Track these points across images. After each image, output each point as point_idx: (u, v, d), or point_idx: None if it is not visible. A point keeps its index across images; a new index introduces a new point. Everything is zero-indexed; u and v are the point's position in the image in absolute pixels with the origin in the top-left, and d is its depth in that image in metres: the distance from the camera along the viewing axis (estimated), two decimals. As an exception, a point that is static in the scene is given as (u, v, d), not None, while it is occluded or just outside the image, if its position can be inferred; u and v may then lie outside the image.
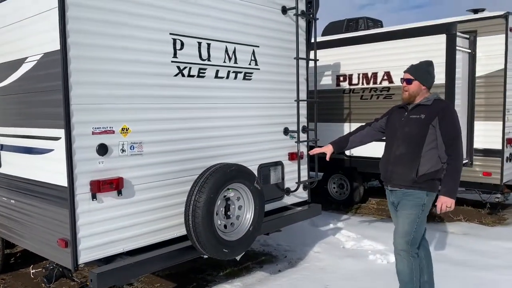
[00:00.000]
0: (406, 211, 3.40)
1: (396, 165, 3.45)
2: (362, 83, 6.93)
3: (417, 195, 3.37)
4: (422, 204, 3.37)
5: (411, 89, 3.46)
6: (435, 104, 3.41)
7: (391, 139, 3.57)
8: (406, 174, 3.37)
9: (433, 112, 3.35)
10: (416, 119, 3.40)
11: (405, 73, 3.52)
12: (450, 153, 3.30)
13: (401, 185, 3.42)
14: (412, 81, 3.45)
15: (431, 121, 3.33)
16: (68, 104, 2.95)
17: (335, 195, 7.92)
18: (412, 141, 3.38)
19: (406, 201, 3.41)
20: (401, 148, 3.43)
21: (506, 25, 6.06)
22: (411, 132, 3.40)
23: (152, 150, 3.46)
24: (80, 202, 3.04)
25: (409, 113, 3.48)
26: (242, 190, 3.81)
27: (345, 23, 8.07)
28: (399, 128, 3.50)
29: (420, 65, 3.52)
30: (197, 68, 3.78)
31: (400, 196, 3.47)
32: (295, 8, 4.65)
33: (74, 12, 2.95)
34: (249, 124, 4.29)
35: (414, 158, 3.35)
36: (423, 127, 3.35)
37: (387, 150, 3.59)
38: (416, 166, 3.34)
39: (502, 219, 6.76)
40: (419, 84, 3.44)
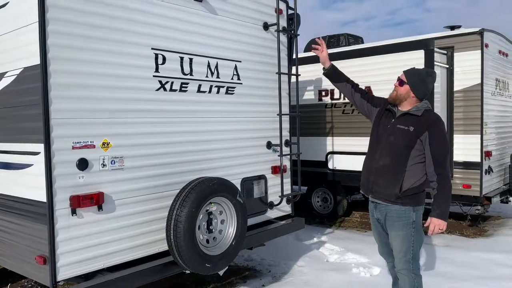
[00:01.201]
0: (398, 233, 3.22)
1: (378, 177, 3.24)
2: (344, 98, 7.02)
3: (403, 213, 3.18)
4: (412, 222, 3.19)
5: (400, 91, 3.24)
6: (425, 116, 3.17)
7: (374, 145, 3.34)
8: (388, 188, 3.18)
9: (422, 125, 3.13)
10: (403, 131, 3.17)
11: (403, 72, 3.29)
12: (441, 172, 3.08)
13: (384, 199, 3.23)
14: (404, 83, 3.22)
15: (420, 135, 3.11)
16: (48, 119, 2.93)
17: (319, 209, 7.95)
18: (397, 153, 3.17)
19: (394, 221, 3.22)
20: (384, 158, 3.21)
21: (481, 41, 6.25)
22: (397, 143, 3.17)
23: (133, 165, 3.44)
24: (60, 217, 2.99)
25: (397, 121, 3.24)
26: (225, 204, 3.80)
27: (327, 39, 8.21)
28: (383, 134, 3.27)
29: (419, 71, 3.27)
30: (179, 83, 3.80)
31: (384, 212, 3.27)
32: (276, 25, 4.72)
33: (55, 27, 2.95)
34: (231, 138, 4.30)
35: (398, 172, 3.15)
36: (410, 140, 3.13)
37: (370, 156, 3.36)
38: (400, 181, 3.13)
39: (483, 231, 6.86)
40: (409, 90, 3.20)
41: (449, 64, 6.51)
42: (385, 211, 3.26)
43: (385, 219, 3.28)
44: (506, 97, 7.52)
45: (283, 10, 4.93)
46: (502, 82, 7.27)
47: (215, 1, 4.11)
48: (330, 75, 3.76)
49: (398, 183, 3.14)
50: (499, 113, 7.13)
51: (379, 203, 3.31)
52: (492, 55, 6.72)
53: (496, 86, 6.99)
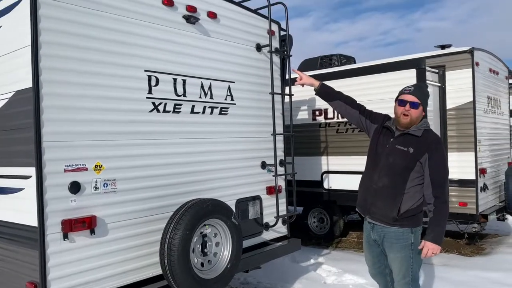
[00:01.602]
0: (396, 255, 3.15)
1: (377, 198, 3.17)
2: (337, 117, 7.05)
3: (402, 235, 3.11)
4: (410, 243, 3.11)
5: (415, 114, 3.05)
6: (425, 136, 3.08)
7: (373, 165, 3.24)
8: (386, 210, 3.11)
9: (422, 147, 3.03)
10: (403, 152, 3.07)
11: (407, 95, 3.08)
12: (439, 195, 2.99)
13: (382, 220, 3.16)
14: (418, 105, 3.04)
15: (420, 157, 3.03)
16: (39, 142, 2.90)
17: (316, 229, 7.87)
18: (396, 175, 3.08)
19: (392, 243, 3.14)
20: (383, 180, 3.13)
21: (472, 59, 6.32)
22: (396, 165, 3.09)
23: (126, 187, 3.40)
24: (51, 242, 2.94)
25: (396, 141, 3.14)
26: (219, 226, 3.75)
27: (319, 60, 8.29)
28: (382, 154, 3.18)
29: (424, 88, 3.15)
30: (173, 104, 3.80)
31: (381, 233, 3.19)
32: (269, 46, 4.76)
33: (48, 50, 2.95)
34: (226, 158, 4.28)
35: (397, 195, 3.06)
36: (410, 162, 3.05)
37: (368, 176, 3.26)
38: (398, 204, 3.06)
39: (481, 249, 6.81)
40: (422, 110, 3.07)
41: (441, 82, 6.57)
42: (383, 233, 3.19)
43: (383, 240, 3.21)
44: (498, 115, 7.58)
45: (276, 31, 4.99)
46: (493, 100, 7.34)
47: (208, 23, 4.15)
48: (321, 94, 3.71)
49: (397, 206, 3.07)
50: (492, 130, 7.17)
51: (376, 224, 3.23)
52: (483, 73, 6.80)
53: (488, 104, 7.05)
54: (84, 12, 3.17)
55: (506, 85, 8.11)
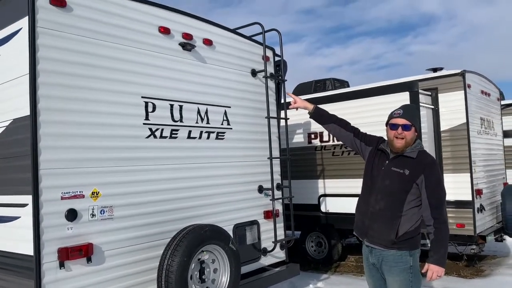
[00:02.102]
0: (395, 278, 3.08)
1: (374, 221, 3.13)
2: (333, 140, 7.08)
3: (400, 258, 3.06)
4: (409, 266, 3.06)
5: (409, 136, 3.04)
6: (420, 158, 3.06)
7: (369, 188, 3.21)
8: (384, 233, 3.06)
9: (418, 168, 3.01)
10: (399, 174, 3.05)
11: (397, 118, 3.08)
12: (437, 216, 2.96)
13: (380, 243, 3.11)
14: (410, 127, 3.04)
15: (416, 179, 3.00)
16: (36, 169, 2.90)
17: (314, 254, 7.80)
18: (392, 197, 3.06)
19: (391, 266, 3.08)
20: (380, 203, 3.10)
21: (463, 82, 6.42)
22: (392, 188, 3.06)
23: (123, 214, 3.38)
24: (47, 271, 2.90)
25: (391, 163, 3.12)
26: (217, 252, 3.72)
27: (313, 84, 8.38)
28: (378, 177, 3.15)
29: (413, 109, 3.15)
30: (170, 129, 3.82)
31: (379, 257, 3.14)
32: (264, 71, 4.83)
33: (45, 78, 2.98)
34: (223, 183, 4.28)
35: (394, 218, 3.03)
36: (406, 184, 3.02)
37: (364, 199, 3.23)
38: (396, 226, 3.01)
39: (480, 271, 6.75)
40: (415, 130, 3.07)
41: (434, 104, 6.65)
42: (381, 257, 3.15)
43: (381, 264, 3.16)
44: (492, 136, 7.65)
45: (270, 57, 5.07)
46: (486, 121, 7.42)
47: (204, 50, 4.22)
48: (315, 117, 3.71)
49: (394, 229, 3.03)
50: (486, 151, 7.22)
51: (374, 247, 3.19)
52: (475, 95, 6.90)
53: (481, 125, 7.12)
54: (81, 41, 3.22)
55: (498, 106, 8.22)
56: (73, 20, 3.18)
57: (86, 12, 3.27)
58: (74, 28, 3.18)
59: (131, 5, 3.60)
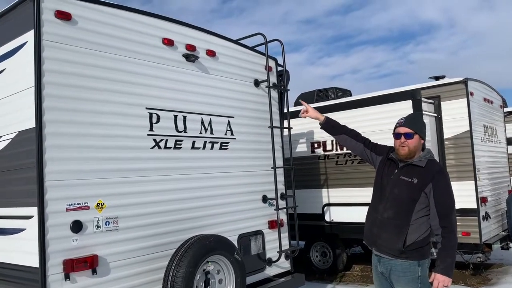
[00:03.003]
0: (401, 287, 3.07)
1: (382, 230, 3.13)
2: (336, 149, 7.09)
3: (409, 268, 3.03)
4: (418, 276, 3.03)
5: (412, 144, 3.07)
6: (429, 167, 3.07)
7: (379, 196, 3.22)
8: (392, 242, 3.05)
9: (426, 177, 3.01)
10: (407, 183, 3.05)
11: (400, 127, 3.13)
12: (446, 225, 2.95)
13: (388, 253, 3.10)
14: (412, 135, 3.06)
15: (424, 188, 3.00)
16: (42, 181, 2.91)
17: (319, 263, 7.75)
18: (401, 206, 3.06)
19: (399, 276, 3.06)
20: (388, 211, 3.10)
21: (466, 89, 6.43)
22: (401, 196, 3.06)
23: (128, 225, 3.38)
24: (52, 283, 2.90)
25: (400, 172, 3.13)
26: (222, 263, 3.71)
27: (316, 93, 8.41)
28: (387, 185, 3.17)
29: (416, 117, 3.15)
30: (174, 140, 3.83)
31: (388, 266, 3.12)
32: (266, 81, 4.85)
33: (51, 90, 3.01)
34: (227, 193, 4.28)
35: (403, 226, 3.02)
36: (414, 193, 3.02)
37: (374, 208, 3.24)
38: (404, 235, 3.00)
39: (487, 279, 6.70)
40: (419, 138, 3.09)
41: (437, 112, 6.66)
42: (390, 266, 3.13)
43: (390, 273, 3.14)
44: (495, 143, 7.64)
45: (273, 67, 5.10)
46: (490, 129, 7.41)
47: (207, 61, 4.25)
48: (326, 128, 3.71)
49: (402, 238, 3.01)
50: (490, 158, 7.20)
51: (383, 256, 3.18)
52: (477, 103, 6.90)
53: (484, 133, 7.11)
54: (86, 53, 3.25)
55: (501, 113, 8.21)
56: (78, 33, 3.21)
57: (91, 25, 3.30)
58: (79, 41, 3.21)
59: (135, 18, 3.63)
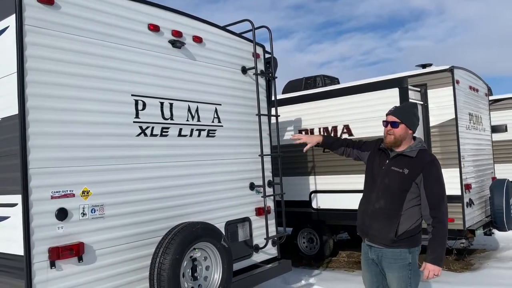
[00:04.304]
0: (394, 274, 3.10)
1: (374, 220, 3.15)
2: (324, 137, 7.10)
3: (399, 255, 3.07)
4: (408, 263, 3.07)
5: (398, 133, 3.11)
6: (420, 157, 3.08)
7: (370, 186, 3.26)
8: (384, 232, 3.08)
9: (417, 167, 3.04)
10: (398, 173, 3.08)
11: (388, 116, 3.19)
12: (436, 215, 2.97)
13: (380, 242, 3.13)
14: (398, 124, 3.11)
15: (415, 178, 3.03)
16: (26, 169, 2.87)
17: (306, 250, 7.83)
18: (392, 197, 3.08)
19: (390, 263, 3.10)
20: (380, 202, 3.13)
21: (452, 77, 6.48)
22: (392, 186, 3.09)
23: (114, 212, 3.37)
24: (37, 271, 2.88)
25: (391, 163, 3.16)
26: (209, 249, 3.72)
27: (304, 81, 8.40)
28: (378, 176, 3.20)
29: (406, 107, 3.25)
30: (160, 127, 3.80)
31: (379, 254, 3.17)
32: (254, 68, 4.83)
33: (34, 77, 2.95)
34: (214, 180, 4.28)
35: (394, 216, 3.05)
36: (405, 183, 3.05)
37: (366, 197, 3.28)
38: (396, 225, 3.03)
39: (469, 264, 6.84)
40: (405, 127, 3.12)
41: (423, 100, 6.71)
42: (381, 253, 3.16)
43: (381, 260, 3.18)
44: (480, 131, 7.74)
45: (260, 54, 5.07)
46: (475, 117, 7.50)
47: (194, 48, 4.20)
48: (325, 147, 3.77)
49: (394, 228, 3.04)
50: (474, 146, 7.30)
51: (374, 246, 3.21)
52: (463, 91, 6.97)
53: (470, 120, 7.20)
54: (70, 39, 3.19)
55: (486, 102, 8.31)
56: (61, 18, 3.15)
57: (75, 9, 3.24)
58: (62, 26, 3.15)
59: (119, 3, 3.57)
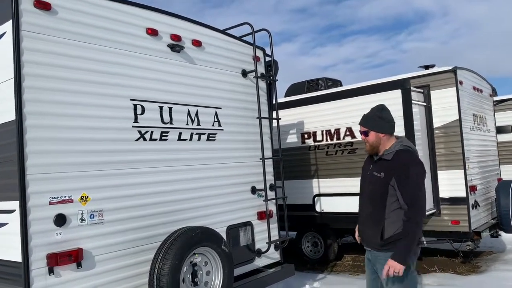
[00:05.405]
0: (388, 277, 3.08)
1: (365, 225, 3.27)
2: (326, 139, 7.07)
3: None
4: None
5: (370, 140, 3.22)
6: (395, 159, 3.12)
7: (362, 193, 3.36)
8: (372, 236, 3.16)
9: (391, 170, 3.09)
10: (377, 178, 3.16)
11: (359, 125, 3.33)
12: (409, 215, 3.00)
13: (372, 247, 3.22)
14: (367, 132, 3.24)
15: (390, 181, 3.07)
16: (23, 175, 2.86)
17: (310, 253, 7.77)
18: (375, 202, 3.16)
19: (382, 266, 3.09)
20: (367, 207, 3.24)
21: (455, 78, 6.42)
22: (374, 191, 3.19)
23: (113, 218, 3.34)
24: (36, 278, 2.86)
25: (373, 168, 3.26)
26: (210, 254, 3.69)
27: (306, 84, 8.37)
28: (365, 182, 3.32)
29: (370, 113, 3.31)
30: (159, 132, 3.78)
31: (373, 256, 3.23)
32: (254, 71, 4.80)
33: (31, 82, 2.94)
34: (215, 185, 4.25)
35: (378, 221, 3.12)
36: (382, 187, 3.11)
37: (360, 204, 3.38)
38: (380, 229, 3.10)
39: (476, 267, 6.75)
40: (375, 133, 3.20)
41: (426, 102, 6.65)
42: (376, 257, 3.22)
43: (375, 263, 3.23)
44: (485, 132, 7.66)
45: (261, 57, 5.05)
46: (479, 117, 7.43)
47: (193, 51, 4.19)
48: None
49: (379, 232, 3.11)
50: (479, 147, 7.22)
51: (369, 250, 3.30)
52: (467, 92, 6.90)
53: (474, 121, 7.13)
54: (67, 44, 3.18)
55: (491, 102, 8.23)
56: (59, 23, 3.15)
57: (72, 15, 3.23)
58: (59, 31, 3.15)
59: (117, 7, 3.56)
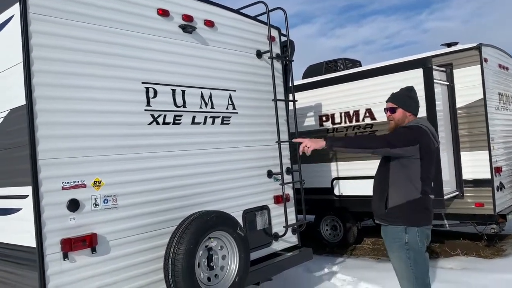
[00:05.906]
0: (393, 254, 3.23)
1: (373, 198, 3.37)
2: (345, 122, 6.92)
3: (395, 234, 3.16)
4: (404, 243, 3.11)
5: (396, 117, 3.33)
6: None
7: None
8: (378, 207, 3.26)
9: None
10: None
11: (387, 103, 3.40)
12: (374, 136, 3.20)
13: (380, 219, 3.30)
14: (395, 109, 3.32)
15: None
16: (35, 160, 2.83)
17: (329, 237, 7.70)
18: (380, 174, 3.32)
19: (390, 242, 3.23)
20: (374, 181, 3.38)
21: (480, 56, 6.15)
22: (380, 164, 3.35)
23: (127, 203, 3.31)
24: (50, 263, 2.85)
25: None
26: (225, 239, 3.64)
27: (324, 65, 8.18)
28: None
29: (400, 92, 3.40)
30: (172, 115, 3.71)
31: (384, 233, 3.31)
32: (269, 52, 4.67)
33: (40, 66, 2.89)
34: (230, 169, 4.18)
35: (383, 190, 3.23)
36: (386, 159, 3.27)
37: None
38: (384, 199, 3.19)
39: (501, 250, 6.57)
40: (403, 111, 3.31)
41: (449, 81, 6.41)
42: (384, 232, 3.29)
43: (385, 239, 3.31)
44: (511, 111, 7.37)
45: (276, 37, 4.90)
46: (505, 96, 7.14)
47: (206, 32, 4.08)
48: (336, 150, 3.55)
49: (383, 201, 3.20)
50: (505, 127, 6.96)
51: (379, 223, 3.36)
52: (492, 70, 6.62)
53: (499, 101, 6.85)
54: (76, 26, 3.11)
55: (517, 80, 7.90)
56: (67, 5, 3.07)
57: (80, -4, 3.16)
58: (68, 13, 3.08)
59: (126, -12, 3.47)
